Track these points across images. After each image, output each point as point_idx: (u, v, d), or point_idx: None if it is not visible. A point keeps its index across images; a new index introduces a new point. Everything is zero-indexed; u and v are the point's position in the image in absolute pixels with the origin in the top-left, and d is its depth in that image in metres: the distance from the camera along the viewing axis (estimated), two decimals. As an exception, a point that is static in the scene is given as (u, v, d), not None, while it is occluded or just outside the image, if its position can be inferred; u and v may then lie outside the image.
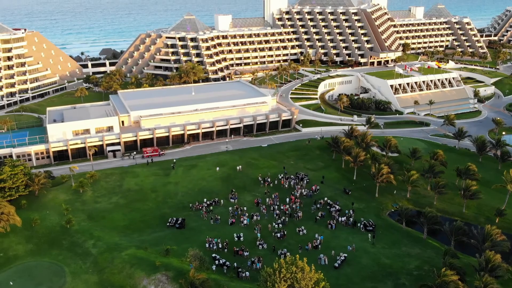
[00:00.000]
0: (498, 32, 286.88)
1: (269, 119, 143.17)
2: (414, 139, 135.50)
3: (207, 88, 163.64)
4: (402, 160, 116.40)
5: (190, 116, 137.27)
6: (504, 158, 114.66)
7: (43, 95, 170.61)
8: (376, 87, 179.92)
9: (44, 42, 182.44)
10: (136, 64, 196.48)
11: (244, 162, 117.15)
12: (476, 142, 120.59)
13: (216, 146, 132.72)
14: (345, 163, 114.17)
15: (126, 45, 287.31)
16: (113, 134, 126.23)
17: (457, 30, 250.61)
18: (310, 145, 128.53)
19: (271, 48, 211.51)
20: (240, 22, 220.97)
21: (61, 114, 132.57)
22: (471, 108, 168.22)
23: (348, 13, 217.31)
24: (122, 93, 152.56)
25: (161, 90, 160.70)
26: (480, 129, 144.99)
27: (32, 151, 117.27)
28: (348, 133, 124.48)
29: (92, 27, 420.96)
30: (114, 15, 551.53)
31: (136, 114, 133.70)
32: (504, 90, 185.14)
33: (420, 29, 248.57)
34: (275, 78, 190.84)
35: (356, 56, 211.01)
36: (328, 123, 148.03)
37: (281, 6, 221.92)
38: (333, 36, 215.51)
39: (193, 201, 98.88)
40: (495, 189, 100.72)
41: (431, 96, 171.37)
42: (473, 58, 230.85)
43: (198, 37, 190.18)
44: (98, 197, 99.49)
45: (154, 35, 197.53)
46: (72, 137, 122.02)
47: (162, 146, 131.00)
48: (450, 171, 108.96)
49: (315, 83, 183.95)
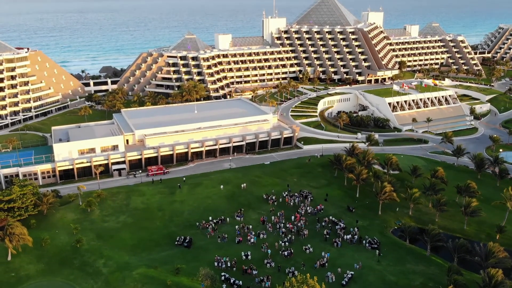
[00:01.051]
0: (491, 49, 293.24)
1: (271, 136, 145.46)
2: (413, 156, 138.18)
3: (209, 106, 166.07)
4: (403, 178, 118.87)
5: (194, 134, 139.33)
6: (502, 175, 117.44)
7: (46, 113, 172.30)
8: (374, 104, 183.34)
9: (47, 61, 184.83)
10: (137, 83, 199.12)
11: (248, 180, 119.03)
12: (474, 160, 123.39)
13: (219, 163, 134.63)
14: (348, 180, 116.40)
15: (126, 63, 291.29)
16: (118, 153, 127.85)
17: (451, 48, 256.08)
18: (312, 163, 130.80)
19: (271, 67, 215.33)
20: (240, 41, 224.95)
21: (66, 133, 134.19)
22: (467, 125, 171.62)
23: (345, 32, 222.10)
24: (126, 112, 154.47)
25: (164, 108, 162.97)
26: (477, 146, 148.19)
27: (39, 170, 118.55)
28: (349, 151, 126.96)
29: (90, 44, 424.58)
30: (112, 32, 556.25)
31: (140, 132, 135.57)
32: (499, 107, 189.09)
33: (415, 47, 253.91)
34: (275, 96, 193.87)
35: (354, 74, 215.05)
36: (328, 140, 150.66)
37: (280, 25, 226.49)
38: (331, 55, 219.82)
39: (199, 219, 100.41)
40: (495, 206, 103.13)
41: (428, 114, 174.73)
42: (468, 76, 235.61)
43: (199, 56, 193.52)
44: (106, 216, 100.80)
45: (156, 54, 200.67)
46: (78, 156, 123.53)
47: (166, 164, 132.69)
48: (450, 188, 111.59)
49: (315, 100, 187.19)
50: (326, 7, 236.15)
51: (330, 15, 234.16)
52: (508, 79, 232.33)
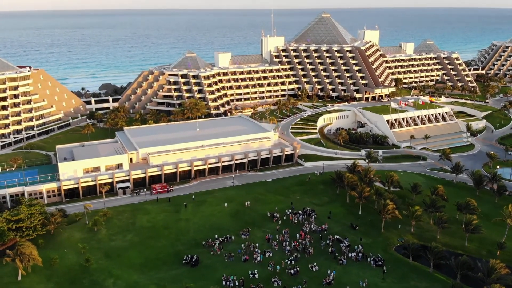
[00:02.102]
0: (485, 65, 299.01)
1: (272, 154, 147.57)
2: (413, 173, 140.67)
3: (210, 123, 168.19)
4: (404, 195, 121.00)
5: (197, 152, 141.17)
6: (501, 192, 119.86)
7: (48, 131, 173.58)
8: (372, 121, 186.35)
9: (49, 80, 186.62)
10: (139, 100, 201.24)
11: (252, 198, 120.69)
12: (473, 177, 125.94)
13: (222, 181, 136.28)
14: (350, 197, 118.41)
15: (125, 80, 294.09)
16: (123, 171, 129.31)
17: (446, 65, 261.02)
18: (314, 180, 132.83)
19: (270, 84, 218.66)
20: (239, 59, 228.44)
21: (70, 152, 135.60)
22: (464, 142, 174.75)
23: (342, 50, 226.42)
24: (129, 130, 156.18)
25: (166, 126, 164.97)
26: (475, 163, 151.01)
27: (44, 189, 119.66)
28: (350, 168, 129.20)
29: (88, 61, 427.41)
30: (110, 48, 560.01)
31: (144, 151, 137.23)
32: (494, 123, 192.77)
33: (411, 64, 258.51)
34: (274, 113, 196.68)
35: (352, 91, 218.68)
36: (329, 157, 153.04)
37: (278, 44, 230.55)
38: (329, 73, 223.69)
39: (205, 237, 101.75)
40: (495, 223, 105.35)
41: (425, 131, 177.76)
42: (463, 92, 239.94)
43: (200, 74, 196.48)
44: (113, 235, 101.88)
45: (157, 72, 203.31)
46: (83, 174, 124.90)
47: (170, 182, 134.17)
48: (450, 205, 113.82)
49: (314, 117, 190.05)
50: (323, 26, 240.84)
51: (327, 33, 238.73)
52: (502, 95, 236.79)
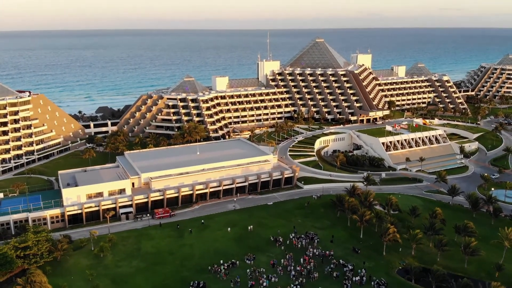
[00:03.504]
0: (475, 87, 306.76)
1: (272, 177, 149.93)
2: (410, 195, 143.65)
3: (210, 147, 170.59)
4: (403, 218, 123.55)
5: (198, 176, 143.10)
6: (497, 214, 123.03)
7: (48, 156, 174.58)
8: (368, 144, 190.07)
9: (49, 104, 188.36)
10: (137, 124, 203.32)
11: (254, 222, 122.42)
12: (469, 199, 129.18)
13: (223, 205, 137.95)
14: (351, 221, 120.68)
15: (121, 103, 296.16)
16: (126, 196, 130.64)
17: (437, 87, 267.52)
18: (314, 203, 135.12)
19: (266, 107, 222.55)
20: (236, 82, 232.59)
21: (73, 177, 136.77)
22: (458, 164, 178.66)
23: (337, 74, 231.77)
24: (129, 154, 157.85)
25: (166, 150, 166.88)
26: (469, 185, 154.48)
27: (48, 215, 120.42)
28: (350, 191, 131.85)
29: (83, 83, 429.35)
30: (103, 70, 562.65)
31: (146, 175, 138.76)
32: (486, 145, 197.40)
33: (403, 87, 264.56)
34: (272, 135, 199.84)
35: (347, 114, 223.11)
36: (327, 180, 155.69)
37: (274, 68, 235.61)
38: (324, 96, 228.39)
39: (210, 263, 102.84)
40: (492, 244, 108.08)
41: (420, 153, 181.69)
42: (455, 114, 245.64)
43: (198, 98, 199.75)
44: (119, 261, 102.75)
45: (156, 96, 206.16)
46: (86, 200, 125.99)
47: (171, 206, 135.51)
48: (448, 227, 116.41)
49: (311, 140, 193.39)
50: (318, 50, 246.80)
51: (321, 57, 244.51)
52: (493, 117, 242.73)
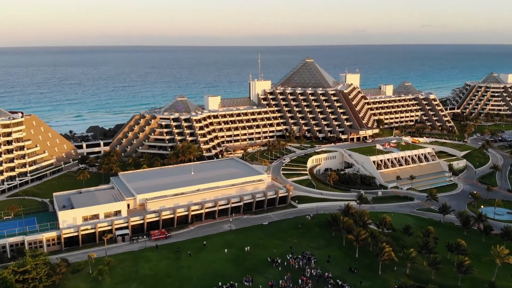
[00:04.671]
0: (460, 105, 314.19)
1: (267, 196, 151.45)
2: (403, 214, 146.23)
3: (204, 166, 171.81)
4: (396, 237, 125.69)
5: (193, 196, 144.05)
6: (487, 232, 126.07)
7: (41, 177, 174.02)
8: (359, 162, 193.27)
9: (42, 125, 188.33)
10: (130, 144, 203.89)
11: (250, 242, 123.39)
12: (460, 217, 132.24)
13: (219, 225, 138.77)
14: (346, 240, 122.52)
15: (111, 122, 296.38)
16: (121, 218, 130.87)
17: (424, 106, 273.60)
18: (309, 223, 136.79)
19: (258, 126, 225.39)
20: (228, 102, 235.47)
21: (68, 199, 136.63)
22: (447, 182, 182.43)
23: (327, 93, 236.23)
24: (124, 175, 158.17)
25: (160, 170, 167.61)
26: (459, 203, 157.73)
27: (44, 238, 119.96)
28: (344, 210, 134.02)
29: (73, 102, 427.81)
30: (93, 88, 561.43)
31: (142, 197, 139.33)
32: (474, 162, 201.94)
33: (391, 106, 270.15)
34: (264, 154, 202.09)
35: (337, 132, 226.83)
36: (321, 198, 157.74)
37: (265, 87, 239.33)
38: (315, 115, 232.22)
39: (209, 285, 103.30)
40: (484, 262, 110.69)
41: (410, 171, 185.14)
42: (442, 132, 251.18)
43: (191, 118, 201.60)
44: (117, 284, 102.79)
45: (148, 116, 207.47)
46: (82, 222, 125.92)
47: (167, 227, 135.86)
48: (440, 245, 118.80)
49: (303, 158, 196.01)
50: (308, 70, 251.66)
51: (311, 77, 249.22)
52: (479, 134, 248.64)
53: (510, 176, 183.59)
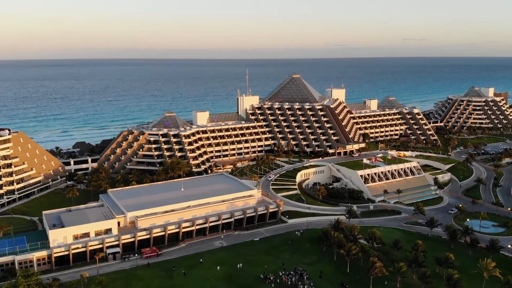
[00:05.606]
0: (443, 118, 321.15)
1: (258, 212, 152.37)
2: (391, 228, 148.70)
3: (194, 182, 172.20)
4: (386, 251, 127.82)
5: (184, 213, 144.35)
6: (474, 245, 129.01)
7: (29, 195, 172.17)
8: (347, 176, 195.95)
9: (29, 142, 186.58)
10: (118, 160, 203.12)
11: (242, 259, 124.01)
12: (447, 231, 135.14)
13: (210, 242, 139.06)
14: (337, 255, 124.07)
15: (98, 138, 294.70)
16: (112, 236, 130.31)
17: (409, 120, 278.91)
18: (300, 238, 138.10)
19: (247, 141, 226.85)
20: (217, 117, 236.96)
21: (58, 218, 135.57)
22: (433, 195, 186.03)
23: (314, 109, 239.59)
24: (113, 192, 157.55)
25: (150, 187, 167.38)
26: (445, 216, 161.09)
27: (34, 257, 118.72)
28: (335, 225, 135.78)
29: (58, 117, 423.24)
30: (78, 102, 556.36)
31: (132, 214, 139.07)
32: (458, 175, 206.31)
33: (376, 120, 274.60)
34: (253, 169, 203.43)
35: (325, 147, 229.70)
36: (311, 213, 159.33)
37: (253, 102, 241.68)
38: (302, 129, 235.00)
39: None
40: (472, 275, 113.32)
41: (396, 185, 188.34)
42: (426, 145, 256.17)
43: (180, 133, 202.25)
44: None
45: (137, 132, 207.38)
46: (73, 241, 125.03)
47: (158, 245, 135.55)
48: (429, 258, 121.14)
49: (292, 173, 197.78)
50: (295, 85, 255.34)
51: (298, 92, 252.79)
52: (463, 147, 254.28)
53: (494, 189, 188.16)
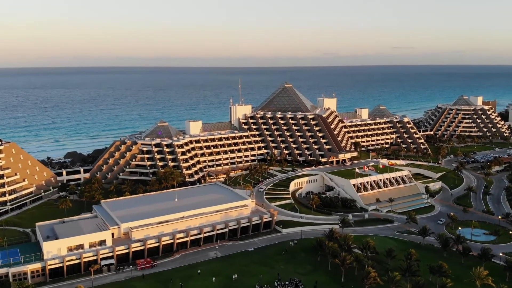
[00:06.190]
0: (433, 127, 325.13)
1: (252, 222, 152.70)
2: (384, 237, 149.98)
3: (187, 192, 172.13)
4: (380, 260, 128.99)
5: (178, 224, 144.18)
6: (466, 253, 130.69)
7: (21, 206, 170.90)
8: (340, 185, 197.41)
9: (21, 153, 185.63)
10: (111, 171, 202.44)
11: (237, 270, 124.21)
12: (440, 239, 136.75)
13: (204, 253, 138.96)
14: (332, 264, 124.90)
15: (90, 147, 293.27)
16: (107, 248, 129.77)
17: (399, 128, 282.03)
18: (294, 248, 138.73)
19: (240, 150, 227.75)
20: (210, 126, 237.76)
21: (52, 230, 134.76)
22: (425, 203, 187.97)
23: (306, 118, 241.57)
24: (107, 203, 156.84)
25: (143, 197, 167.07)
26: (437, 224, 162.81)
27: (28, 269, 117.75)
28: (329, 235, 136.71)
29: (49, 127, 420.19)
30: (67, 111, 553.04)
31: (126, 225, 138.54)
32: (449, 184, 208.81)
33: (367, 129, 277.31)
34: (247, 178, 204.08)
35: (317, 156, 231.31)
36: (305, 223, 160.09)
37: (246, 111, 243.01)
38: (295, 138, 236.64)
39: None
40: (464, 283, 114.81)
41: (388, 193, 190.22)
42: (417, 154, 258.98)
43: (173, 143, 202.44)
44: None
45: (129, 142, 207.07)
46: (67, 253, 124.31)
47: (152, 256, 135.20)
48: (422, 267, 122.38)
49: (285, 182, 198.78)
50: (287, 95, 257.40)
51: (291, 102, 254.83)
52: (453, 156, 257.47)
53: (484, 197, 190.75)
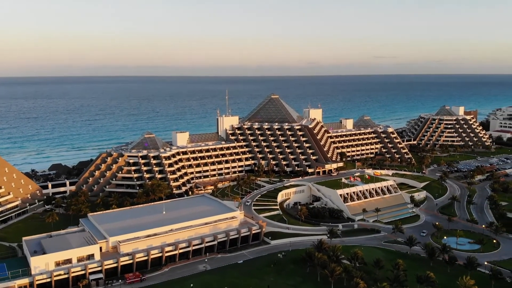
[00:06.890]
0: (416, 136, 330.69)
1: (241, 233, 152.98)
2: (372, 247, 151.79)
3: (175, 204, 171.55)
4: (368, 270, 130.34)
5: (166, 237, 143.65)
6: (452, 262, 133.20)
7: (6, 220, 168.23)
8: (327, 196, 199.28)
9: (6, 166, 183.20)
10: (97, 183, 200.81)
11: (228, 283, 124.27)
12: (426, 249, 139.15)
13: (193, 266, 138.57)
14: (321, 276, 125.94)
15: (75, 159, 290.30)
16: (95, 262, 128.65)
17: (383, 139, 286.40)
18: (283, 260, 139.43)
19: (228, 161, 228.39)
20: (196, 137, 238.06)
21: (39, 244, 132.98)
22: (410, 213, 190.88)
23: (293, 129, 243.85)
24: (94, 217, 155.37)
25: (131, 210, 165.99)
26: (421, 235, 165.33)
27: (16, 285, 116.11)
28: (318, 246, 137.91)
29: (32, 138, 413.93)
30: (51, 122, 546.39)
31: (114, 239, 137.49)
32: (433, 193, 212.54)
33: (352, 139, 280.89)
34: (234, 189, 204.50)
35: (304, 166, 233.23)
36: (293, 234, 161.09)
37: (233, 122, 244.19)
38: (282, 149, 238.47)
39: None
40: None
41: (374, 203, 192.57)
42: (401, 164, 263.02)
43: (160, 155, 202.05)
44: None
45: (116, 154, 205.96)
46: (55, 268, 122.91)
47: (141, 270, 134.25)
48: (409, 276, 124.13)
49: (273, 193, 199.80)
50: (273, 106, 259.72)
51: (277, 112, 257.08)
52: (436, 165, 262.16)
53: (468, 206, 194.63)
